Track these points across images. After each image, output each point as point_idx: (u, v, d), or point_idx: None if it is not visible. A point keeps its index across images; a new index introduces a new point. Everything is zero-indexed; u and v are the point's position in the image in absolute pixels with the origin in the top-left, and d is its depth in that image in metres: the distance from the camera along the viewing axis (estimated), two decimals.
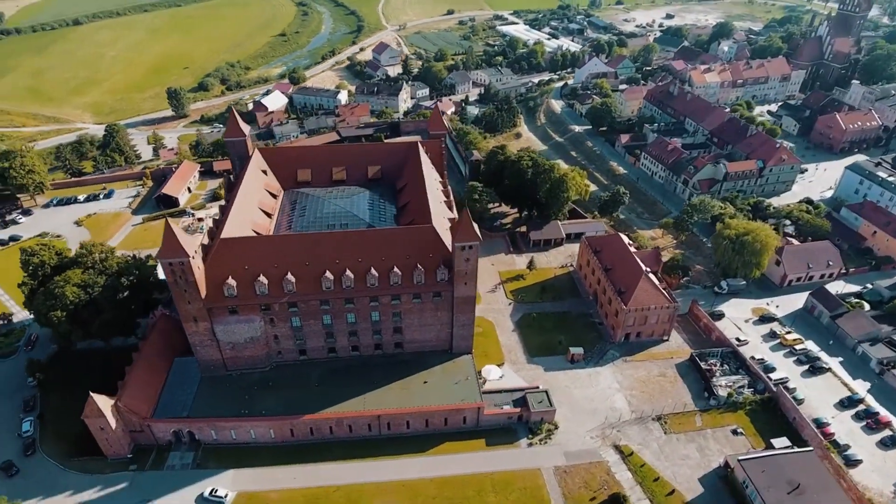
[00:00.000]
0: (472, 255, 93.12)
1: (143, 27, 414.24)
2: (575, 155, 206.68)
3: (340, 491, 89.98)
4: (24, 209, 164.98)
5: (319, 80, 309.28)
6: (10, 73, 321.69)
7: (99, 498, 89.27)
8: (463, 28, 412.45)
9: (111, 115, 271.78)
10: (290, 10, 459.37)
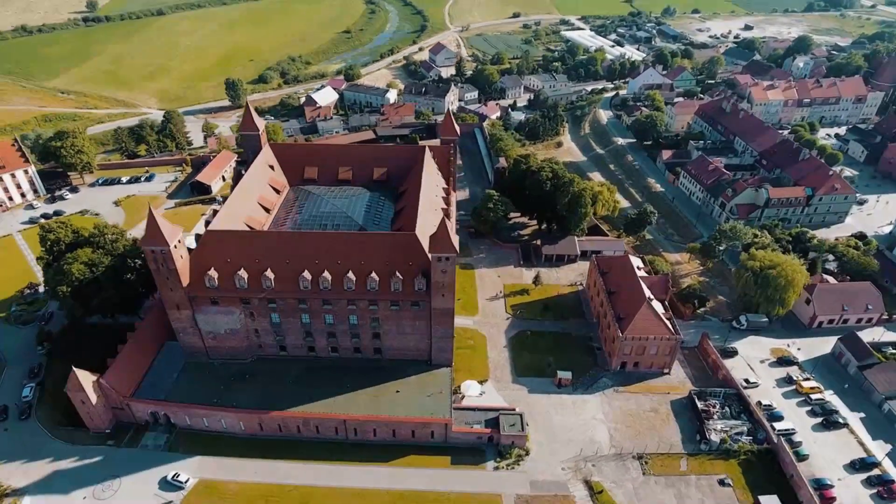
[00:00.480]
0: (449, 266, 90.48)
1: (219, 19, 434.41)
2: (613, 168, 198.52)
3: (297, 491, 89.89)
4: (73, 187, 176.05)
5: (373, 79, 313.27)
6: (94, 57, 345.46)
7: (73, 468, 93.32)
8: (526, 32, 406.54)
9: (175, 101, 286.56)
10: (359, 8, 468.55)
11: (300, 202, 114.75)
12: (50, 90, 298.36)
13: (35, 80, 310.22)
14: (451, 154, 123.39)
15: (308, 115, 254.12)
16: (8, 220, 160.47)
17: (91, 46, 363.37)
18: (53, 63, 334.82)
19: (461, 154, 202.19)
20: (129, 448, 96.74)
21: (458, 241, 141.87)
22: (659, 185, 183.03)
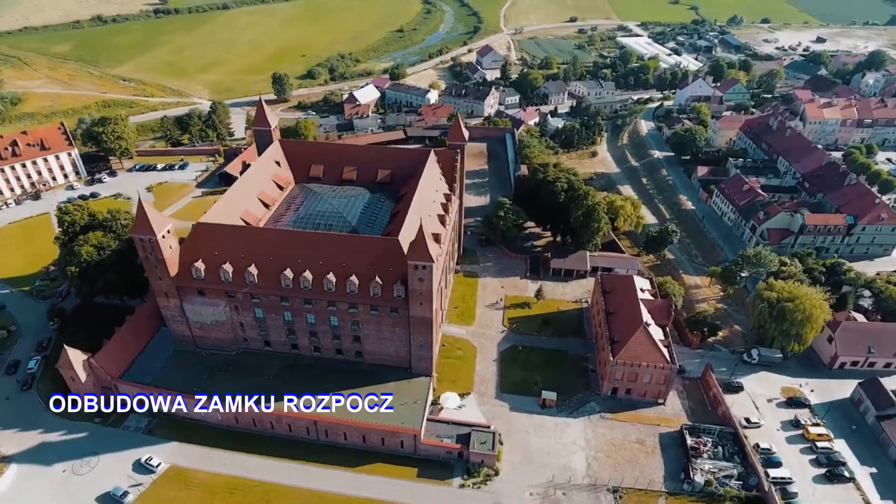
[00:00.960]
0: (426, 275, 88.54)
1: (280, 15, 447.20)
2: (645, 182, 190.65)
3: (260, 487, 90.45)
4: (111, 171, 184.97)
5: (418, 78, 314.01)
6: (158, 48, 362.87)
7: (59, 441, 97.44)
8: (581, 37, 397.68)
9: (225, 93, 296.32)
10: (415, 7, 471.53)
11: (300, 200, 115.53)
12: (114, 77, 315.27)
13: (102, 67, 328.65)
14: (455, 159, 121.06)
15: (347, 112, 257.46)
16: (48, 199, 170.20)
17: (157, 37, 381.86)
18: (121, 52, 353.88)
19: (489, 159, 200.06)
20: (113, 427, 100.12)
21: (464, 248, 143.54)
22: (690, 203, 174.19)
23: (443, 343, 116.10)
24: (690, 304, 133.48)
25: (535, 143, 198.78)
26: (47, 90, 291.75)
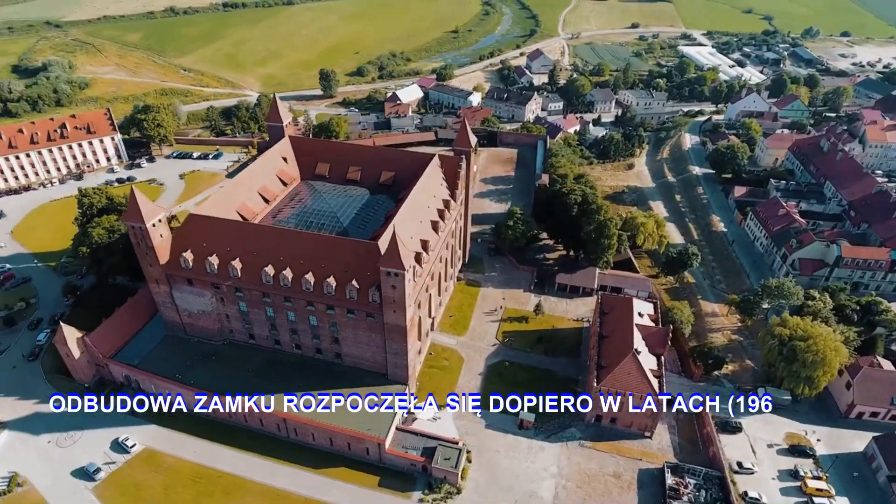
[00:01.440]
0: (398, 283, 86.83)
1: (341, 11, 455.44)
2: (679, 199, 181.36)
3: (224, 479, 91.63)
4: (151, 157, 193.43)
5: (465, 80, 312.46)
6: (220, 40, 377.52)
7: (50, 413, 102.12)
8: (640, 44, 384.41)
9: (276, 87, 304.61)
10: (475, 8, 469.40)
11: (301, 197, 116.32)
12: (176, 67, 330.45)
13: (167, 57, 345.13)
14: (460, 166, 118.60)
15: (387, 110, 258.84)
16: (90, 180, 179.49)
17: (221, 30, 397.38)
18: (187, 42, 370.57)
19: (517, 166, 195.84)
20: (107, 401, 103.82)
21: (472, 256, 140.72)
22: (722, 224, 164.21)
23: (430, 352, 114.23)
24: (703, 333, 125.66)
25: (565, 152, 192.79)
26: (114, 76, 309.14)
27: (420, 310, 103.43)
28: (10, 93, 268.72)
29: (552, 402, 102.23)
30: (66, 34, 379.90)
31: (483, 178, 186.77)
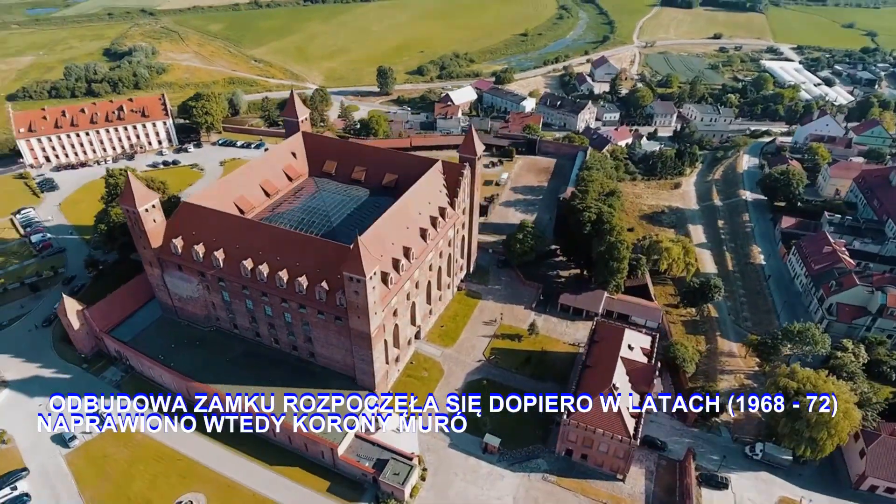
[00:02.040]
0: (360, 289, 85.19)
1: (415, 9, 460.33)
2: (721, 225, 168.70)
3: (183, 462, 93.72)
4: (199, 142, 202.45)
5: (524, 84, 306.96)
6: (294, 33, 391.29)
7: (49, 377, 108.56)
8: (719, 56, 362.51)
9: (337, 81, 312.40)
10: (549, 12, 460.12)
11: (302, 193, 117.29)
12: (248, 57, 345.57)
13: (242, 47, 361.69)
14: (461, 173, 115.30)
15: (437, 110, 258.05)
16: (140, 160, 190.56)
17: (296, 24, 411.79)
18: (263, 34, 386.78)
19: (552, 177, 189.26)
20: (94, 376, 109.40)
21: (478, 266, 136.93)
22: (762, 257, 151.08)
23: (412, 361, 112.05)
24: (713, 374, 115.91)
25: (605, 165, 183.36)
26: (189, 63, 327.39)
27: (397, 318, 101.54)
28: (95, 74, 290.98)
29: (552, 402, 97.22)
30: (157, 22, 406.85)
31: (514, 186, 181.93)
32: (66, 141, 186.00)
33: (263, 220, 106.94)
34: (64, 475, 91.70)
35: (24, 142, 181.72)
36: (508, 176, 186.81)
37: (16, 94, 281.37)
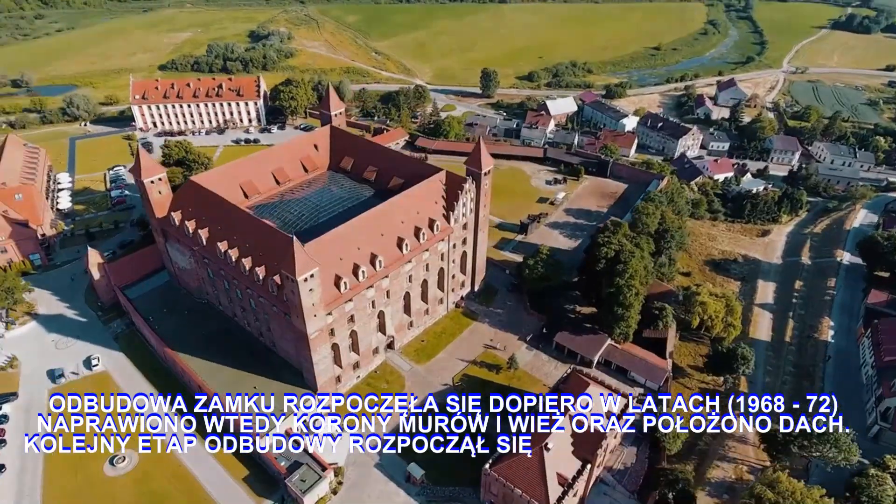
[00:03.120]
0: (294, 289, 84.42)
1: (550, 14, 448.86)
2: (798, 287, 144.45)
3: (133, 421, 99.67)
4: (283, 125, 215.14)
5: (636, 101, 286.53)
6: (421, 29, 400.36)
7: (70, 318, 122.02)
8: (885, 91, 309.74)
9: (446, 79, 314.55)
10: (694, 26, 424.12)
11: (310, 186, 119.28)
12: (370, 49, 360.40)
13: (368, 39, 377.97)
14: (462, 187, 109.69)
15: (528, 119, 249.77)
16: (228, 135, 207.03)
17: (426, 20, 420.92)
18: (392, 28, 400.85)
19: (615, 203, 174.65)
20: (103, 325, 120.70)
21: (487, 285, 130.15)
22: (831, 332, 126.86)
23: (377, 370, 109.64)
24: (709, 459, 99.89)
25: (676, 198, 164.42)
26: (315, 51, 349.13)
27: (355, 324, 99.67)
28: (232, 53, 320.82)
29: (552, 401, 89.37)
30: (304, 9, 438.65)
31: (568, 208, 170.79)
32: (171, 110, 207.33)
33: (258, 206, 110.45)
34: (40, 406, 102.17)
35: (137, 107, 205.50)
36: (565, 196, 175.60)
37: (166, 64, 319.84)
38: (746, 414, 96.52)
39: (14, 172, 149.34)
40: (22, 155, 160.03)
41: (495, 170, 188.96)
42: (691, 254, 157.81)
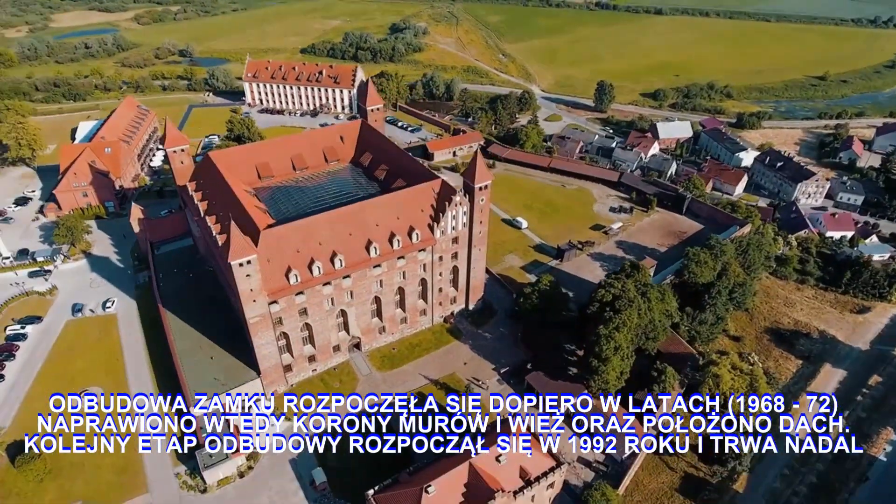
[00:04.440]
0: (230, 272, 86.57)
1: (703, 30, 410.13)
2: (872, 384, 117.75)
3: (122, 368, 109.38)
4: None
5: (768, 135, 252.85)
6: (559, 35, 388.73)
7: (110, 262, 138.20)
8: None
9: (564, 88, 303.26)
10: (882, 57, 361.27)
11: (324, 176, 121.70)
12: (497, 51, 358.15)
13: (500, 40, 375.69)
14: (449, 199, 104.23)
15: (630, 139, 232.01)
16: (319, 119, 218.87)
17: (570, 26, 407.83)
18: (531, 31, 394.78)
19: (677, 245, 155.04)
20: (132, 274, 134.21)
21: (488, 304, 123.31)
22: (885, 449, 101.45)
23: (336, 367, 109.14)
24: None
25: (752, 249, 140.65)
26: (445, 47, 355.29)
27: (309, 317, 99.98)
28: (365, 42, 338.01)
29: (551, 402, 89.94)
30: (449, 6, 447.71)
31: (622, 240, 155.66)
32: (275, 90, 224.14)
33: (261, 188, 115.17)
34: (53, 333, 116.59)
35: (248, 84, 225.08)
36: (622, 227, 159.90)
37: (307, 48, 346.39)
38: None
39: (117, 130, 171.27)
40: (131, 115, 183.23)
41: (560, 189, 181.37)
42: (753, 316, 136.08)
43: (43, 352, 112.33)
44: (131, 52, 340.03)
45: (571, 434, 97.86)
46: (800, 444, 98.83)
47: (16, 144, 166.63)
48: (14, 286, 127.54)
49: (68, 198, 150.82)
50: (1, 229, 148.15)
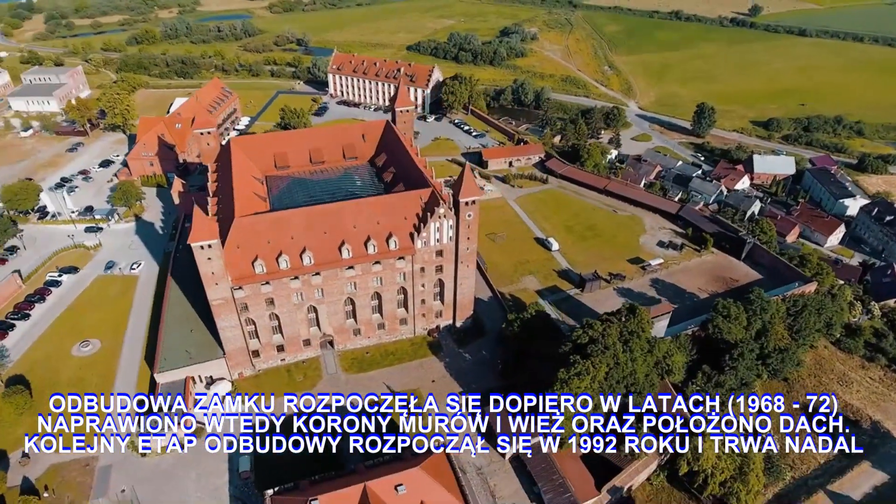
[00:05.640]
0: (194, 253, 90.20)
1: (853, 58, 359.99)
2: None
3: (122, 325, 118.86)
4: (440, 117, 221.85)
5: (894, 182, 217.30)
6: (675, 50, 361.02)
7: (153, 228, 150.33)
8: None
9: (664, 107, 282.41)
10: None
11: (337, 172, 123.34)
12: (604, 62, 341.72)
13: (611, 51, 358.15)
14: (432, 210, 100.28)
15: (717, 170, 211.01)
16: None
17: (691, 41, 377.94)
18: (645, 43, 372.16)
19: (722, 294, 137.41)
20: (166, 242, 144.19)
21: (478, 321, 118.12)
22: None
23: (304, 360, 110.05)
24: None
25: (810, 312, 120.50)
26: (549, 54, 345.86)
27: (276, 308, 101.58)
28: (469, 44, 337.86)
29: (552, 402, 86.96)
30: (569, 13, 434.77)
31: (659, 279, 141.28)
32: (355, 83, 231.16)
33: (270, 176, 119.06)
34: (83, 285, 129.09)
35: (332, 76, 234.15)
36: (662, 264, 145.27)
37: (413, 46, 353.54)
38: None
39: (197, 108, 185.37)
40: (214, 95, 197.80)
41: (609, 214, 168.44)
42: (793, 388, 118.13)
43: (68, 300, 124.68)
44: (255, 38, 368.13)
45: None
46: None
47: (112, 112, 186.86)
48: (69, 238, 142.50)
49: (138, 165, 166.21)
50: (80, 186, 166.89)
